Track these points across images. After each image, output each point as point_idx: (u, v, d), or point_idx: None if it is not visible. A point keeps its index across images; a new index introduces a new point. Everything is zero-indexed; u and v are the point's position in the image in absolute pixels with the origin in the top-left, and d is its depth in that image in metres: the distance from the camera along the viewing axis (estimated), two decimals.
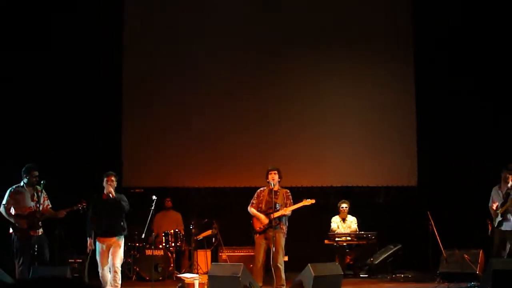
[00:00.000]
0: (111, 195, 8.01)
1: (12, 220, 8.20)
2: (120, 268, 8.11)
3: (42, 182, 8.28)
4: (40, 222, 8.26)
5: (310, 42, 11.50)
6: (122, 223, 8.07)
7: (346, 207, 10.47)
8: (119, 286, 8.06)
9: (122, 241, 8.13)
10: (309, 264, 7.71)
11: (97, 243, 8.05)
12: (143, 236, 8.55)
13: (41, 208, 8.26)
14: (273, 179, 8.27)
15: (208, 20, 11.48)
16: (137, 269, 9.68)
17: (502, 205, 8.81)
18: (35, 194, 8.31)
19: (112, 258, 8.02)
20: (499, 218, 8.88)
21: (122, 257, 8.21)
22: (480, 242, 9.64)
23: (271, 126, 11.39)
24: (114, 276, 8.01)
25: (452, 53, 11.25)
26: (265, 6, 11.57)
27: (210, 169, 11.22)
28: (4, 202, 8.29)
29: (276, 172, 8.32)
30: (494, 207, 8.98)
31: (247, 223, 8.49)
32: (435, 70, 11.30)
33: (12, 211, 8.21)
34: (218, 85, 11.42)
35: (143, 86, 11.40)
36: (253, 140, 11.36)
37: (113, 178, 8.16)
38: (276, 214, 8.14)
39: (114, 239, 8.01)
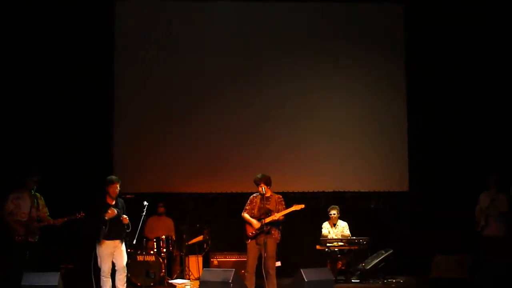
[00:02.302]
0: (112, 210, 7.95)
1: (11, 225, 8.22)
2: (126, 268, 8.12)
3: (33, 188, 8.29)
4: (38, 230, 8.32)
5: (301, 48, 11.53)
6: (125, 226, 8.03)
7: (335, 214, 10.46)
8: (124, 287, 8.09)
9: (123, 243, 8.12)
10: (301, 269, 7.71)
11: (101, 248, 7.96)
12: (134, 242, 8.51)
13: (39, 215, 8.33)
14: (262, 190, 8.27)
15: (201, 25, 11.48)
16: (129, 275, 9.61)
17: (486, 209, 8.79)
18: (35, 201, 8.34)
19: (119, 259, 8.01)
20: (482, 223, 8.82)
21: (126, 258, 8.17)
22: (471, 247, 9.68)
23: (264, 133, 11.40)
24: (120, 278, 8.03)
25: (444, 58, 11.31)
26: (259, 11, 11.60)
27: (202, 175, 11.20)
28: (4, 206, 8.30)
29: (262, 185, 8.23)
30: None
31: (239, 229, 8.47)
32: (427, 76, 11.36)
33: (12, 216, 8.24)
34: (210, 92, 11.42)
35: (134, 91, 11.37)
36: (245, 146, 11.35)
37: (118, 185, 8.10)
38: (267, 220, 8.14)
39: (118, 241, 7.99)
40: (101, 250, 7.96)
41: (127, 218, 8.00)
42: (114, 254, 8.02)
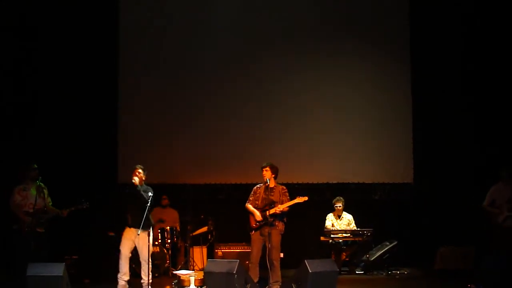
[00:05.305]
0: (134, 183, 8.02)
1: (19, 216, 8.31)
2: (149, 260, 7.99)
3: (39, 178, 8.35)
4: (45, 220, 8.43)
5: (306, 39, 11.51)
6: (145, 216, 7.87)
7: (341, 206, 10.47)
8: (148, 278, 8.00)
9: (147, 234, 7.97)
10: (305, 260, 7.71)
11: (124, 232, 8.10)
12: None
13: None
14: (264, 176, 8.28)
15: (205, 17, 11.48)
16: (133, 265, 9.64)
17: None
18: (42, 192, 8.40)
19: (140, 251, 8.08)
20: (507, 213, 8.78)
21: (150, 250, 8.06)
22: (475, 238, 9.68)
23: (268, 123, 11.39)
24: (144, 269, 8.08)
25: (450, 48, 11.27)
26: (265, 5, 11.58)
27: (206, 166, 11.21)
28: (11, 199, 8.40)
29: (267, 168, 8.30)
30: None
31: (243, 220, 8.48)
32: (431, 68, 11.32)
33: (19, 208, 8.30)
34: (214, 82, 11.42)
35: (139, 82, 11.39)
36: (249, 136, 11.35)
37: (140, 171, 8.15)
38: (271, 212, 8.14)
39: (137, 231, 7.93)
40: (123, 234, 8.09)
41: (136, 179, 8.03)
42: (137, 244, 8.07)
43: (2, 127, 10.31)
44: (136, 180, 8.02)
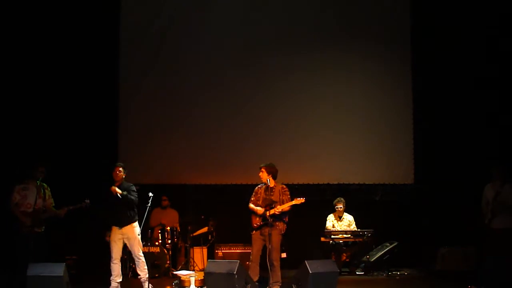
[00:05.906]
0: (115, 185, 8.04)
1: (17, 216, 8.28)
2: (142, 255, 8.14)
3: (39, 179, 8.33)
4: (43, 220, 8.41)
5: (307, 40, 11.49)
6: (129, 212, 8.05)
7: (341, 207, 10.47)
8: (145, 272, 8.10)
9: (135, 229, 8.08)
10: (305, 261, 7.71)
11: (110, 233, 8.12)
12: (139, 232, 8.53)
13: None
14: (261, 177, 8.29)
15: (206, 18, 11.48)
16: (133, 265, 9.66)
17: (493, 201, 8.74)
18: (42, 191, 8.38)
19: (131, 248, 8.11)
20: (489, 216, 8.77)
21: (140, 244, 8.18)
22: (475, 239, 9.67)
23: (268, 124, 11.38)
24: (138, 265, 8.13)
25: (449, 50, 11.26)
26: (265, 5, 11.57)
27: (206, 166, 11.21)
28: (11, 198, 8.37)
29: (262, 170, 8.30)
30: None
31: (244, 220, 8.48)
32: (432, 68, 11.30)
33: (18, 207, 8.28)
34: (215, 83, 11.40)
35: (139, 83, 11.38)
36: (250, 137, 11.34)
37: (120, 169, 8.20)
38: (270, 212, 8.14)
39: (125, 228, 8.02)
40: (111, 237, 8.11)
41: (115, 188, 8.01)
42: (127, 242, 8.09)
43: (2, 127, 10.27)
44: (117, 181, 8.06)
